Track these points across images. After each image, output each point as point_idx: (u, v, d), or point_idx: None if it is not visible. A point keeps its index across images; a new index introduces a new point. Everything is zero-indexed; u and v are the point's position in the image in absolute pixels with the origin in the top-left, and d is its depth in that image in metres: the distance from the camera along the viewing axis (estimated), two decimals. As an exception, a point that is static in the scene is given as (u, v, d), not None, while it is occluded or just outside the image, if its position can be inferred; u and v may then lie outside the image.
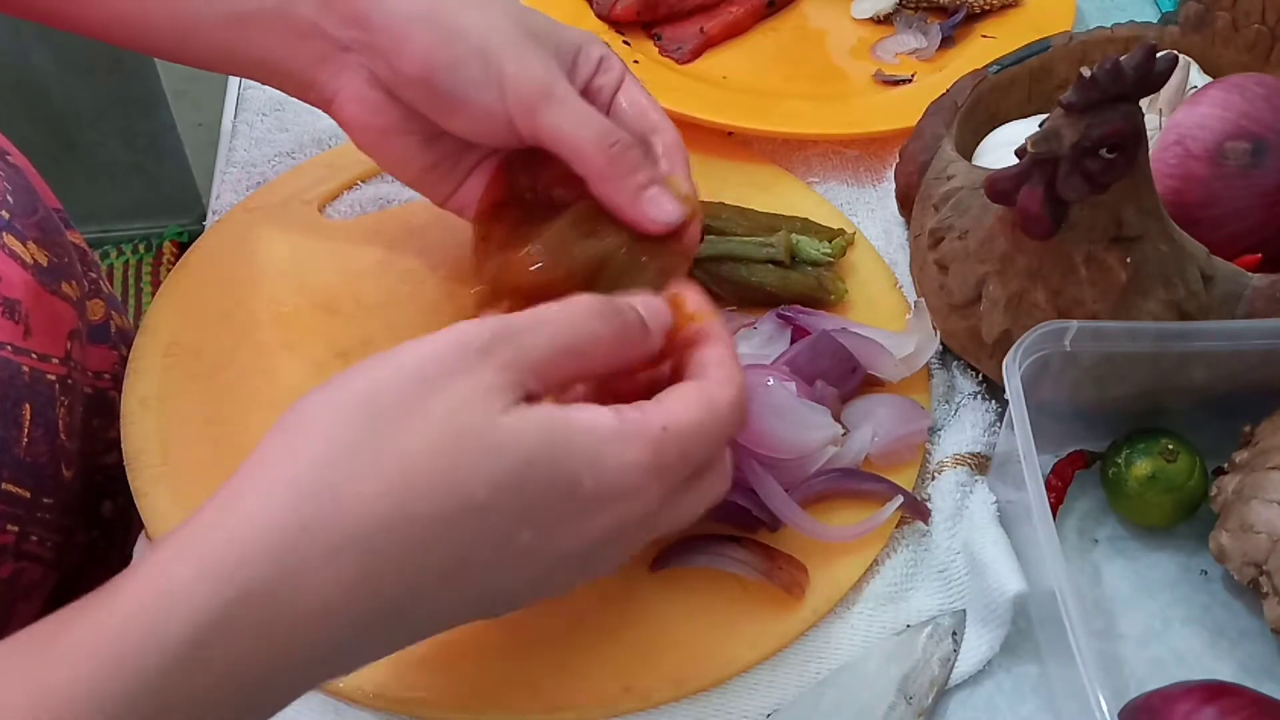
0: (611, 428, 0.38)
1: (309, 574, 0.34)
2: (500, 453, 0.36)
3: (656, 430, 0.38)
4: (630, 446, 0.38)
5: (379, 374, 0.36)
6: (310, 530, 0.34)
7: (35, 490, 0.51)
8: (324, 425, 0.35)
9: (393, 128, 0.53)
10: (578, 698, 0.48)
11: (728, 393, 0.41)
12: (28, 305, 0.52)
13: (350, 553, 0.34)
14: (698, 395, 0.40)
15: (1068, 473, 0.57)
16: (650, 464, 0.38)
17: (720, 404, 0.41)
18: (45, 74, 1.60)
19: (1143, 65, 0.46)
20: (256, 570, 0.33)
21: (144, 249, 1.84)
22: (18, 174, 0.58)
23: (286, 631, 0.34)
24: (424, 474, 0.35)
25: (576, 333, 0.39)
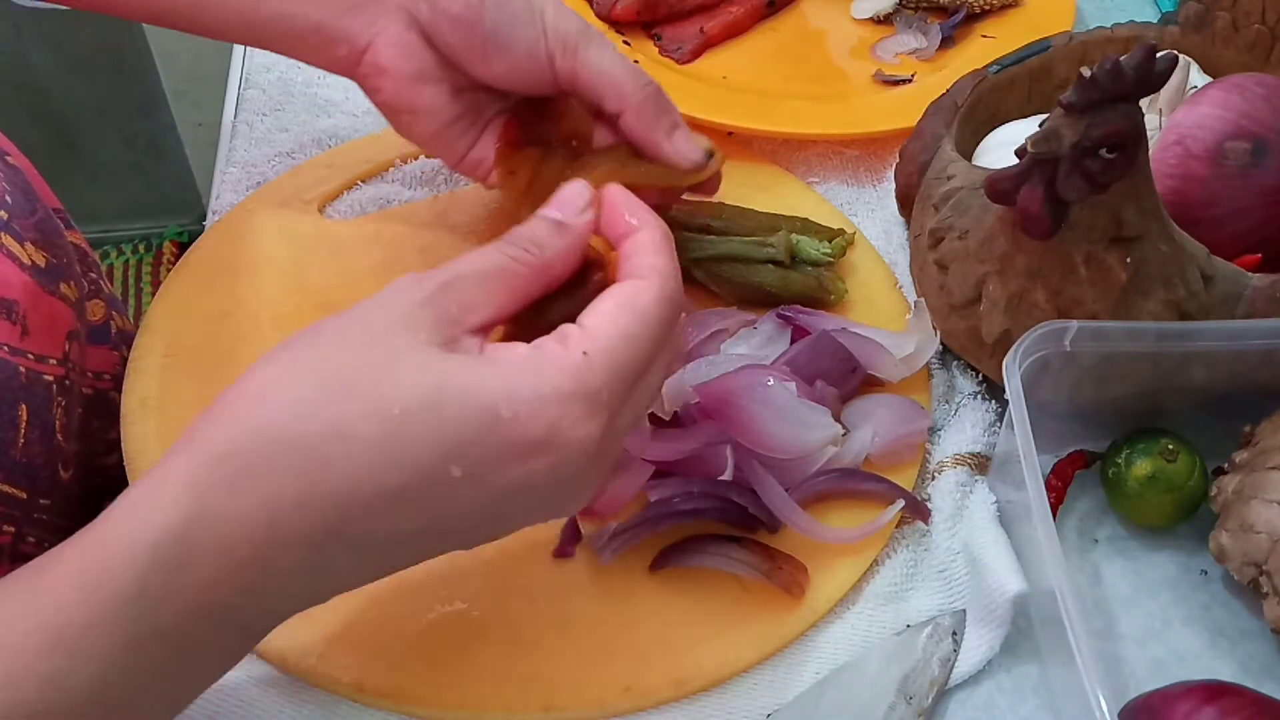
0: (524, 357, 0.38)
1: (253, 484, 0.35)
2: (421, 372, 0.37)
3: (576, 357, 0.38)
4: (546, 376, 0.38)
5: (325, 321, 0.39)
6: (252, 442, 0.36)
7: (32, 491, 0.51)
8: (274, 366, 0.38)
9: (424, 74, 0.54)
10: (578, 698, 0.48)
11: (649, 288, 0.40)
12: (25, 306, 0.52)
13: (291, 462, 0.36)
14: (617, 306, 0.40)
15: (1068, 473, 0.57)
16: (571, 391, 0.38)
17: (644, 304, 0.40)
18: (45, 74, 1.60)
19: (1143, 65, 0.46)
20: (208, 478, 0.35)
21: (144, 249, 1.84)
22: (17, 174, 0.58)
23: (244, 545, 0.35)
24: (353, 389, 0.36)
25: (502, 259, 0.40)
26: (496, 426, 0.37)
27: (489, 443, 0.37)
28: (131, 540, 0.35)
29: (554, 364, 0.38)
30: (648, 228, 0.42)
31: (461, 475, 0.37)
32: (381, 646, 0.49)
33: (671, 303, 0.41)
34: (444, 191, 0.68)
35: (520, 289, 0.41)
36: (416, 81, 0.54)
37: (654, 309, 0.40)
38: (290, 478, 0.36)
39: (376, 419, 0.36)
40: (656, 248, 0.42)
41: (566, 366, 0.38)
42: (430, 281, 0.39)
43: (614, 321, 0.39)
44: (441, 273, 0.40)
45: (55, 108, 1.64)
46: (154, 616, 0.35)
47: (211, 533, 0.35)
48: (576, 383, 0.38)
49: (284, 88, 0.74)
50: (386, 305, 0.39)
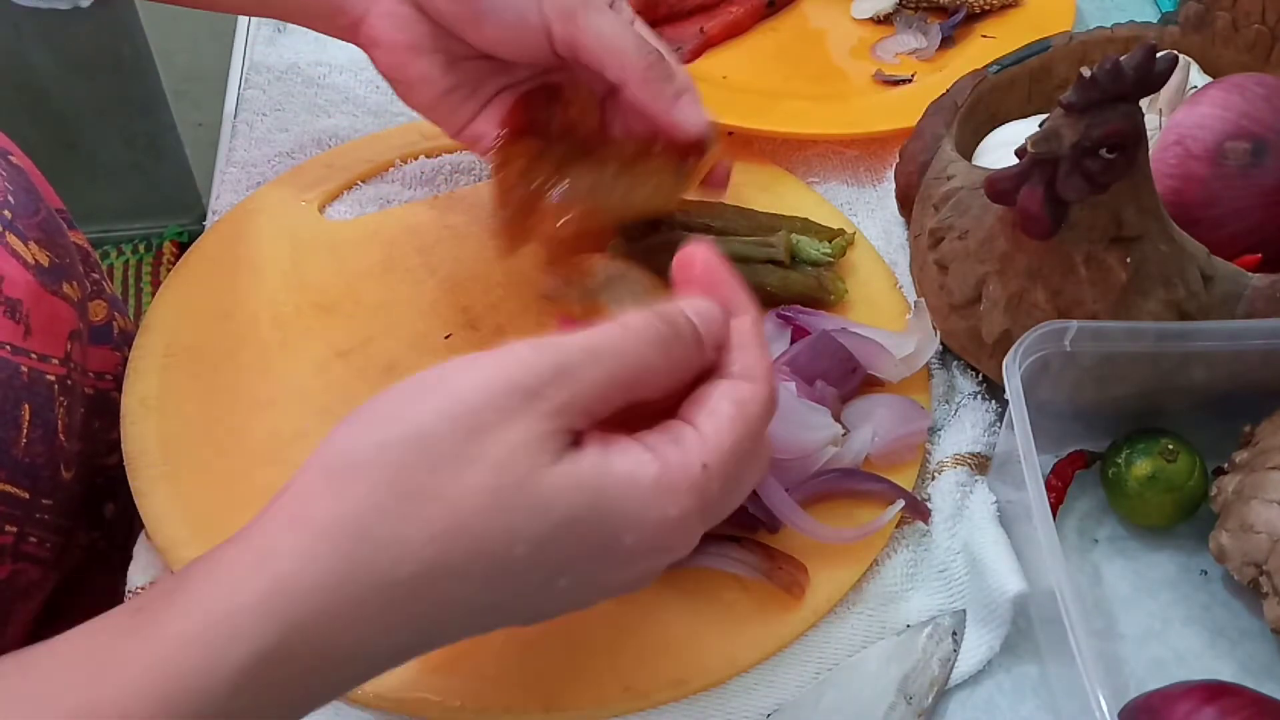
0: (653, 480, 0.36)
1: (352, 614, 0.34)
2: (545, 511, 0.35)
3: (697, 472, 0.37)
4: (673, 499, 0.37)
5: (427, 413, 0.35)
6: (357, 575, 0.34)
7: (33, 491, 0.51)
8: (372, 468, 0.35)
9: (419, 45, 0.54)
10: (578, 698, 0.48)
11: (760, 393, 0.39)
12: (28, 305, 0.52)
13: (393, 598, 0.34)
14: (732, 411, 0.38)
15: (1068, 473, 0.57)
16: (693, 508, 0.37)
17: (755, 416, 0.39)
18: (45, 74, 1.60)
19: (1143, 65, 0.46)
20: (306, 608, 0.33)
21: (144, 249, 1.84)
22: (20, 174, 0.58)
23: (329, 665, 0.34)
24: (468, 527, 0.34)
25: (631, 366, 0.37)
26: (616, 551, 0.37)
27: (604, 562, 0.37)
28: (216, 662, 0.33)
29: (681, 483, 0.37)
30: (749, 314, 0.41)
31: (566, 585, 0.37)
32: (381, 646, 0.49)
33: (772, 406, 0.40)
34: (444, 191, 0.68)
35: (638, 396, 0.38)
36: (410, 52, 0.54)
37: (763, 419, 0.39)
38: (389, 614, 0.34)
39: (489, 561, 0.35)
40: (759, 343, 0.41)
41: (692, 486, 0.37)
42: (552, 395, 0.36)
43: (731, 432, 0.38)
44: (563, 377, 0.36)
45: (55, 108, 1.64)
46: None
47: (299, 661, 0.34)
48: (699, 502, 0.37)
49: (284, 88, 0.74)
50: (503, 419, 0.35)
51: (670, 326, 0.38)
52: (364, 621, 0.34)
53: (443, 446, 0.34)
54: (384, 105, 0.58)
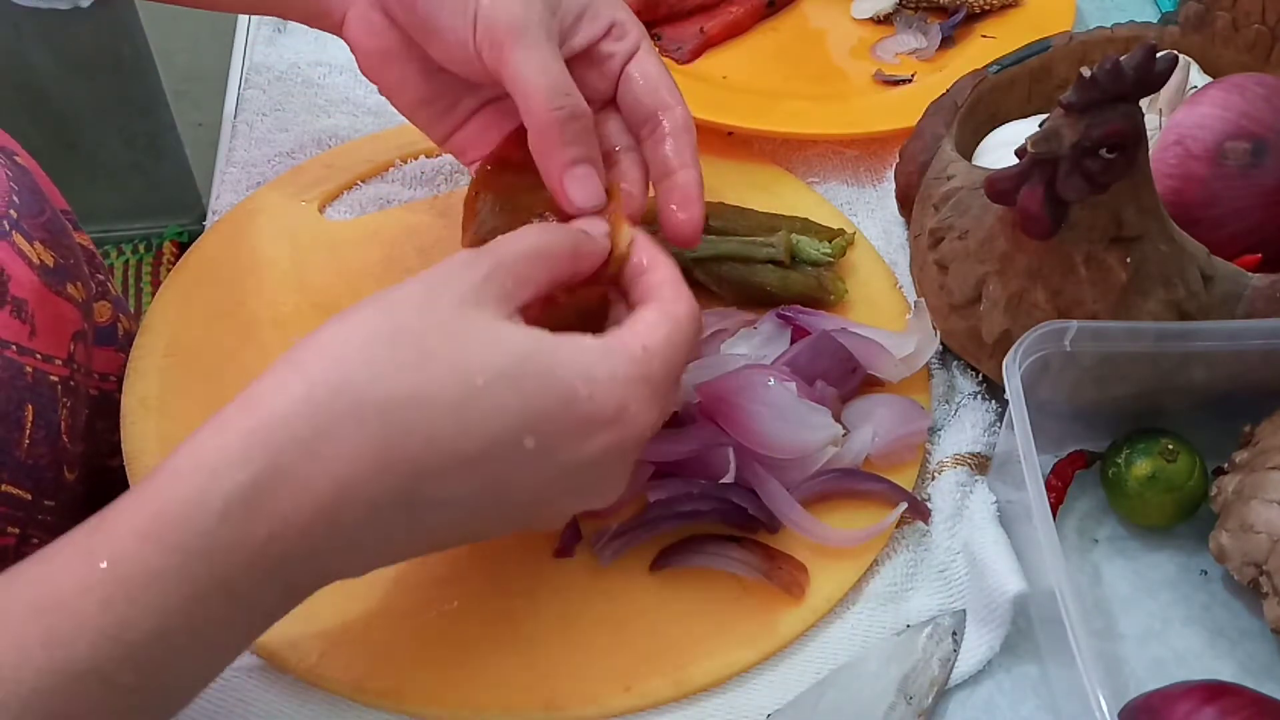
0: (598, 344, 0.41)
1: (328, 442, 0.36)
2: (499, 345, 0.39)
3: (638, 349, 0.42)
4: (618, 361, 0.41)
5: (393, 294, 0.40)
6: (330, 402, 0.37)
7: (36, 492, 0.51)
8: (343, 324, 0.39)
9: (392, 52, 0.53)
10: (578, 698, 0.48)
11: (684, 308, 0.45)
12: (34, 305, 0.52)
13: (367, 421, 0.37)
14: (660, 315, 0.44)
15: (1068, 473, 0.57)
16: (638, 376, 0.41)
17: (681, 318, 0.44)
18: (45, 74, 1.60)
19: (1143, 65, 0.46)
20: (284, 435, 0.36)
21: (144, 249, 1.84)
22: (25, 174, 0.58)
23: (311, 505, 0.36)
24: (431, 357, 0.38)
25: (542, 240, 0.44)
26: (574, 403, 0.40)
27: (565, 418, 0.40)
28: (200, 495, 0.35)
29: (624, 352, 0.42)
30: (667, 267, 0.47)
31: (535, 447, 0.39)
32: (381, 646, 0.49)
33: (698, 326, 0.45)
34: (444, 191, 0.68)
35: (554, 274, 0.44)
36: (383, 59, 0.53)
37: (687, 323, 0.44)
38: (368, 441, 0.37)
39: (457, 386, 0.38)
40: (679, 280, 0.46)
41: (634, 356, 0.42)
42: (485, 257, 0.42)
43: (661, 327, 0.43)
44: (489, 250, 0.42)
45: (55, 108, 1.64)
46: (219, 568, 0.35)
47: (282, 491, 0.36)
48: (642, 370, 0.42)
49: (284, 88, 0.74)
50: (451, 278, 0.41)
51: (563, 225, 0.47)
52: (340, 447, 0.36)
53: (407, 304, 0.40)
54: (384, 105, 0.58)
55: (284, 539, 0.36)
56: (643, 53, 0.52)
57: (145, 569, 0.35)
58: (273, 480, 0.36)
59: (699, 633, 0.50)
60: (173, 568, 0.35)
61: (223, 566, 0.35)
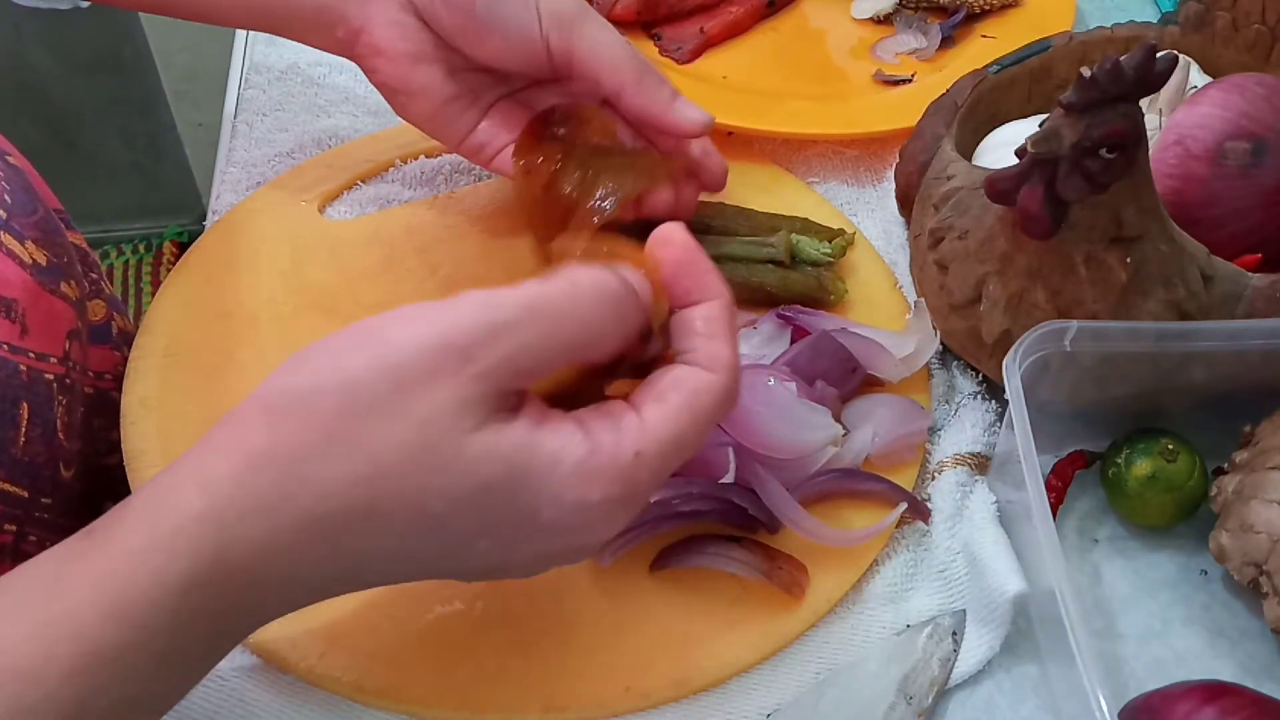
0: (576, 462, 0.36)
1: (280, 543, 0.35)
2: (462, 475, 0.36)
3: (627, 461, 0.37)
4: (596, 485, 0.37)
5: (360, 361, 0.36)
6: (284, 506, 0.35)
7: (33, 490, 0.51)
8: (304, 409, 0.36)
9: (420, 54, 0.54)
10: (578, 698, 0.48)
11: (715, 386, 0.38)
12: (25, 304, 0.52)
13: (317, 531, 0.36)
14: (681, 400, 0.38)
15: (1068, 473, 0.57)
16: (616, 496, 0.37)
17: (705, 409, 0.38)
18: (45, 74, 1.60)
19: (1143, 65, 0.46)
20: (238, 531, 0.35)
21: (144, 249, 1.84)
22: (18, 174, 0.58)
23: (264, 586, 0.36)
24: (389, 478, 0.35)
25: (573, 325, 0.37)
26: (535, 523, 0.37)
27: (523, 531, 0.37)
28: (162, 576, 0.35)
29: (607, 468, 0.37)
30: (719, 299, 0.40)
31: (487, 548, 0.38)
32: (381, 646, 0.49)
33: (731, 401, 0.39)
34: (444, 191, 0.68)
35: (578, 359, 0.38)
36: (413, 62, 0.54)
37: (714, 412, 0.39)
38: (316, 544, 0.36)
39: (408, 510, 0.36)
40: (725, 331, 0.39)
41: (620, 473, 0.37)
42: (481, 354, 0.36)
43: (674, 423, 0.38)
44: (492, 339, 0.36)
45: (55, 108, 1.64)
46: (180, 639, 0.35)
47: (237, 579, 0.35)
48: (624, 489, 0.37)
49: (284, 88, 0.74)
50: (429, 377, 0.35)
51: (620, 283, 0.38)
52: (292, 550, 0.36)
53: (369, 397, 0.35)
54: (384, 105, 0.58)
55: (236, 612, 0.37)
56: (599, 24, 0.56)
57: (109, 644, 0.34)
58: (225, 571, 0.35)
59: (699, 633, 0.50)
60: (137, 644, 0.34)
61: (180, 641, 0.36)
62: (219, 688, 0.49)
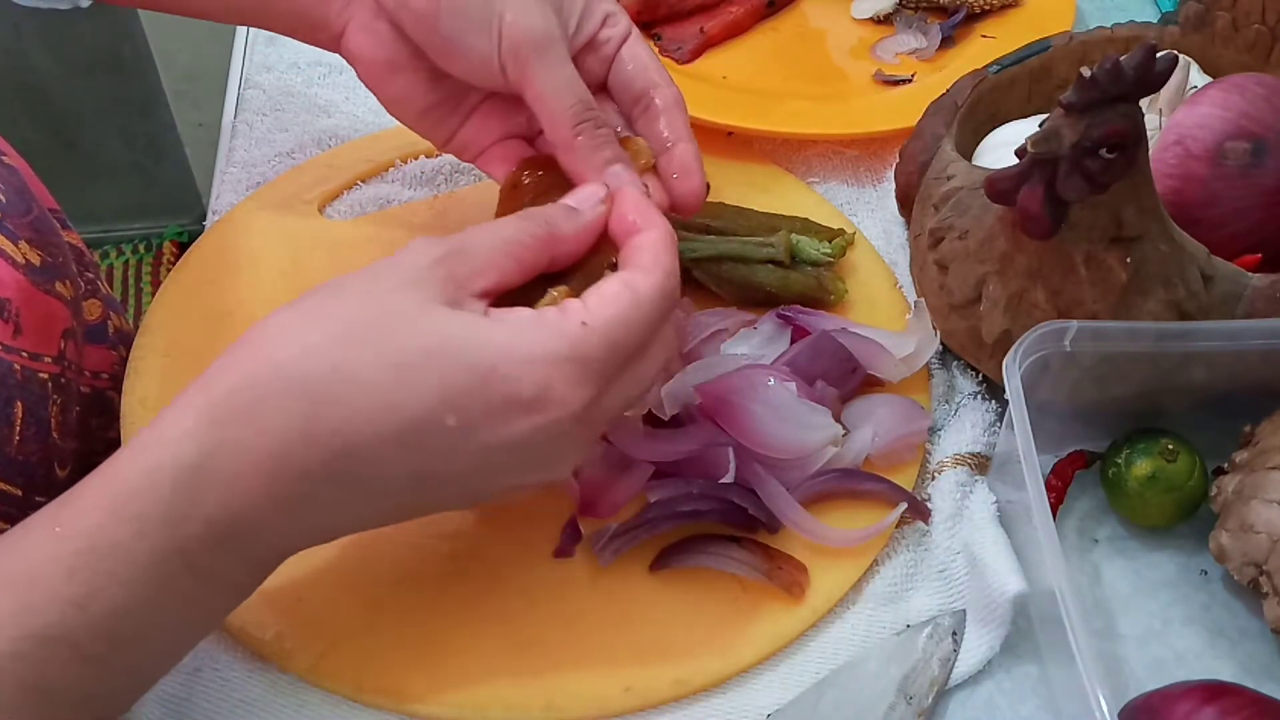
0: (525, 321, 0.41)
1: (265, 417, 0.38)
2: (425, 326, 0.40)
3: (574, 326, 0.41)
4: (543, 339, 0.40)
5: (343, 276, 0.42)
6: (269, 379, 0.39)
7: (27, 489, 0.51)
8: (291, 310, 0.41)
9: (397, 63, 0.53)
10: (578, 698, 0.48)
11: (651, 280, 0.43)
12: (19, 304, 0.52)
13: (296, 398, 0.38)
14: (619, 287, 0.42)
15: (1068, 473, 0.57)
16: (566, 356, 0.40)
17: (644, 292, 0.42)
18: (45, 74, 1.60)
19: (1143, 65, 0.46)
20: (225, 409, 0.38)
21: (144, 249, 1.84)
22: (12, 174, 0.58)
23: (251, 473, 0.38)
24: (360, 336, 0.39)
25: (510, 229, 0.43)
26: (491, 382, 0.39)
27: (483, 397, 0.40)
28: (155, 466, 0.37)
29: (552, 329, 0.41)
30: (656, 228, 0.45)
31: (455, 425, 0.39)
32: (381, 646, 0.49)
33: (668, 296, 0.43)
34: (444, 191, 0.68)
35: (526, 261, 0.43)
36: (389, 69, 0.54)
37: (652, 297, 0.43)
38: (297, 412, 0.38)
39: (379, 365, 0.39)
40: (662, 245, 0.45)
41: (564, 333, 0.41)
42: (443, 244, 0.42)
43: (613, 302, 0.42)
44: (455, 237, 0.42)
45: (55, 108, 1.64)
46: (175, 537, 0.37)
47: (226, 460, 0.38)
48: (571, 349, 0.40)
49: (284, 88, 0.74)
50: (399, 264, 0.42)
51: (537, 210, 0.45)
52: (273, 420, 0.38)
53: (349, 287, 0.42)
54: (384, 105, 0.59)
55: (230, 508, 0.38)
56: (633, 39, 0.54)
57: (106, 539, 0.37)
58: (217, 450, 0.38)
59: (699, 633, 0.50)
60: (131, 537, 0.37)
61: (178, 535, 0.37)
62: (219, 687, 0.49)
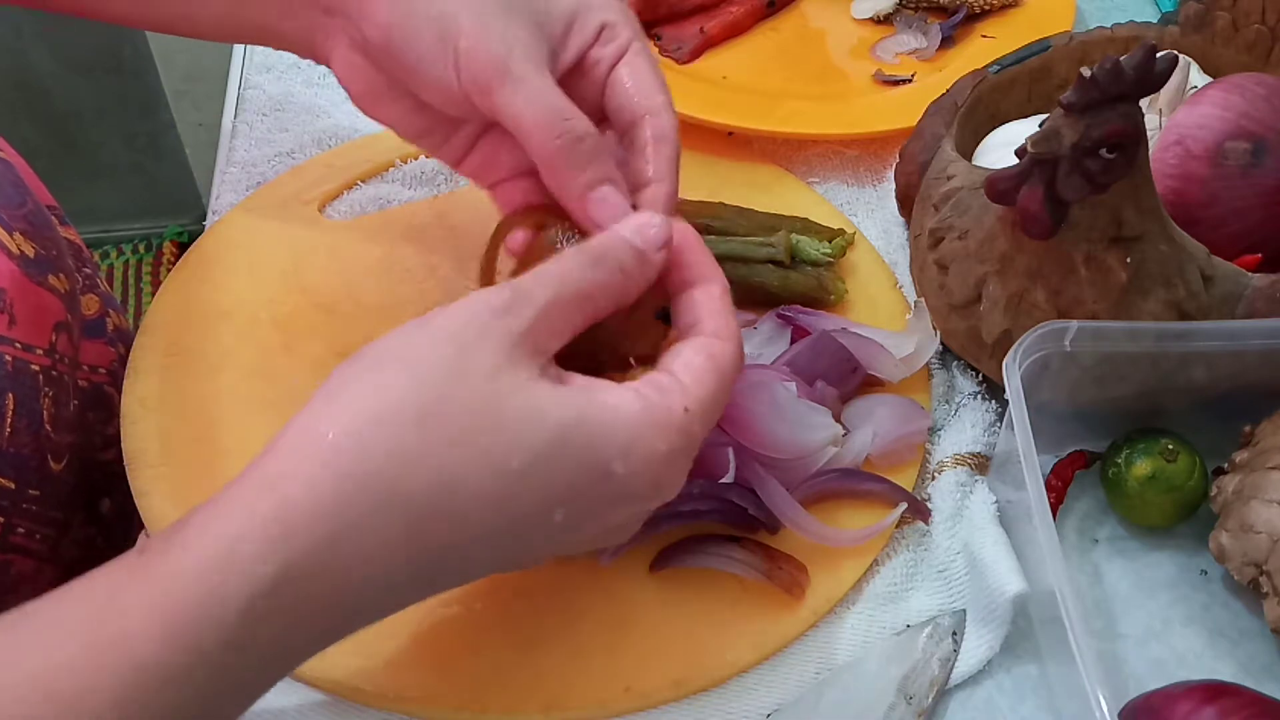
0: (638, 412, 0.39)
1: (355, 538, 0.35)
2: (538, 420, 0.37)
3: (679, 414, 0.40)
4: (661, 434, 0.39)
5: (418, 343, 0.37)
6: (358, 496, 0.35)
7: (20, 481, 0.51)
8: (368, 391, 0.36)
9: (379, 92, 0.52)
10: (578, 698, 0.48)
11: (730, 349, 0.42)
12: (12, 295, 0.52)
13: (396, 514, 0.35)
14: (707, 364, 0.41)
15: (1068, 473, 0.57)
16: (680, 447, 0.40)
17: (728, 365, 0.42)
18: (45, 74, 1.60)
19: (1143, 65, 0.46)
20: (309, 533, 0.34)
21: (144, 249, 1.84)
22: (7, 168, 0.58)
23: (334, 598, 0.35)
24: (464, 438, 0.36)
25: (575, 282, 0.40)
26: (609, 481, 0.38)
27: (597, 494, 0.38)
28: (219, 592, 0.33)
29: (661, 421, 0.39)
30: (717, 282, 0.44)
31: (562, 520, 0.38)
32: (381, 646, 0.49)
33: (740, 365, 0.43)
34: (444, 191, 0.68)
35: (598, 315, 0.41)
36: (373, 98, 0.52)
37: (732, 374, 0.42)
38: (395, 535, 0.35)
39: (489, 470, 0.36)
40: (727, 304, 0.43)
41: (672, 424, 0.39)
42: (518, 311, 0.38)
43: (707, 381, 0.41)
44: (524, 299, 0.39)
45: (55, 108, 1.64)
46: (233, 666, 0.34)
47: (304, 589, 0.34)
48: (685, 441, 0.40)
49: (284, 88, 0.74)
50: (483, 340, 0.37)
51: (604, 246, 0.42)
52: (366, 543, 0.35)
53: (429, 363, 0.37)
54: (384, 105, 0.59)
55: (301, 631, 0.36)
56: (631, 54, 0.49)
57: (161, 672, 0.33)
58: (295, 579, 0.34)
59: (699, 633, 0.50)
60: (187, 668, 0.33)
61: (237, 664, 0.34)
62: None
